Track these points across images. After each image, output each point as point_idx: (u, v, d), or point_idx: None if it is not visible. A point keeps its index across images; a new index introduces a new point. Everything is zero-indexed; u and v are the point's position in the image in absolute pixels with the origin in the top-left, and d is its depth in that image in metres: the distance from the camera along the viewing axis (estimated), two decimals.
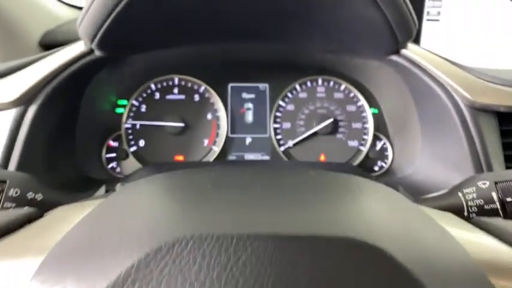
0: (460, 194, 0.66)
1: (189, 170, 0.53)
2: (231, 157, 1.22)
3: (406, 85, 1.00)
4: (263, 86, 1.25)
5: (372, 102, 1.23)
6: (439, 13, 1.50)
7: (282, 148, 1.21)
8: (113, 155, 1.19)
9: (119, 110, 1.21)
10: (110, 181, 1.09)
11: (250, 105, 1.24)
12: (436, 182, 0.92)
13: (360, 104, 1.23)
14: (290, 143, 1.21)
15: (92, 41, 0.87)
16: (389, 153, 1.21)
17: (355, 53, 1.01)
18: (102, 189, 0.74)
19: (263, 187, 0.45)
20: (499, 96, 0.85)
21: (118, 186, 0.75)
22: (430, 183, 0.94)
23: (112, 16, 0.79)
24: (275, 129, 1.22)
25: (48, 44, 1.61)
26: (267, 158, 1.23)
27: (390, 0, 0.77)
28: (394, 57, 0.94)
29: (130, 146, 1.18)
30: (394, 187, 0.77)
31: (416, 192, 0.87)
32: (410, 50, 0.93)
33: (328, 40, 0.95)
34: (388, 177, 1.13)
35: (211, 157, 1.19)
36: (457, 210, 0.66)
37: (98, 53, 0.91)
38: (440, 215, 0.50)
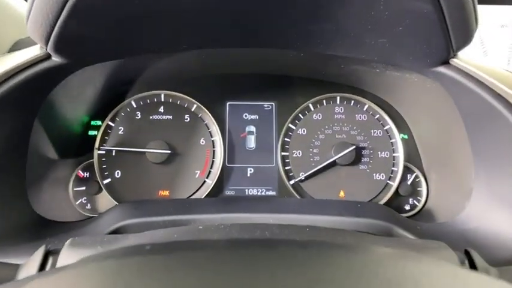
0: None
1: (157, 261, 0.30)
2: (229, 192, 0.99)
3: (454, 104, 0.78)
4: (269, 104, 1.03)
5: (400, 125, 1.01)
6: None
7: (292, 181, 0.98)
8: (82, 188, 0.96)
9: (92, 133, 0.98)
10: (74, 224, 0.85)
11: (252, 128, 1.02)
12: (500, 235, 0.69)
13: (387, 127, 1.01)
14: (302, 176, 0.98)
15: (46, 43, 0.65)
16: (423, 188, 0.99)
17: (390, 63, 0.80)
18: (40, 252, 0.51)
19: None
20: None
21: (66, 245, 0.52)
22: (492, 236, 0.71)
23: (65, 11, 0.57)
24: (283, 157, 1.00)
25: None
26: (273, 193, 1.00)
27: None
28: (442, 69, 0.72)
29: (103, 177, 0.95)
30: (459, 248, 0.54)
31: (474, 248, 0.64)
32: (462, 60, 0.72)
33: (359, 46, 0.74)
34: (426, 222, 0.89)
35: (203, 192, 0.96)
36: None
37: (56, 59, 0.69)
38: None
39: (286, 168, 0.99)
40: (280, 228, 0.49)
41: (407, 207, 0.98)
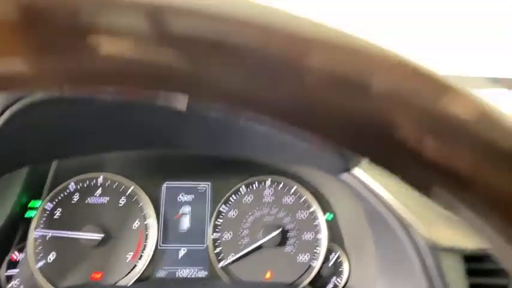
0: None
1: None
2: (161, 273, 1.03)
3: (360, 205, 0.87)
4: (204, 185, 1.09)
5: (326, 206, 1.09)
6: None
7: (221, 264, 1.03)
8: (16, 271, 0.98)
9: (30, 214, 1.02)
10: None
11: (187, 209, 1.07)
12: None
13: (312, 209, 1.08)
14: (231, 258, 1.03)
15: None
16: (345, 267, 1.06)
17: (303, 165, 0.88)
18: None
19: None
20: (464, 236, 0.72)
21: None
22: None
23: None
24: (214, 240, 1.05)
25: None
26: (204, 273, 1.04)
27: None
28: (344, 177, 0.81)
29: (37, 260, 0.98)
30: None
31: None
32: (365, 169, 0.80)
33: (271, 155, 0.82)
34: None
35: (135, 275, 1.00)
36: None
37: None
38: None
39: (217, 250, 1.04)
40: None
41: (329, 286, 1.05)
